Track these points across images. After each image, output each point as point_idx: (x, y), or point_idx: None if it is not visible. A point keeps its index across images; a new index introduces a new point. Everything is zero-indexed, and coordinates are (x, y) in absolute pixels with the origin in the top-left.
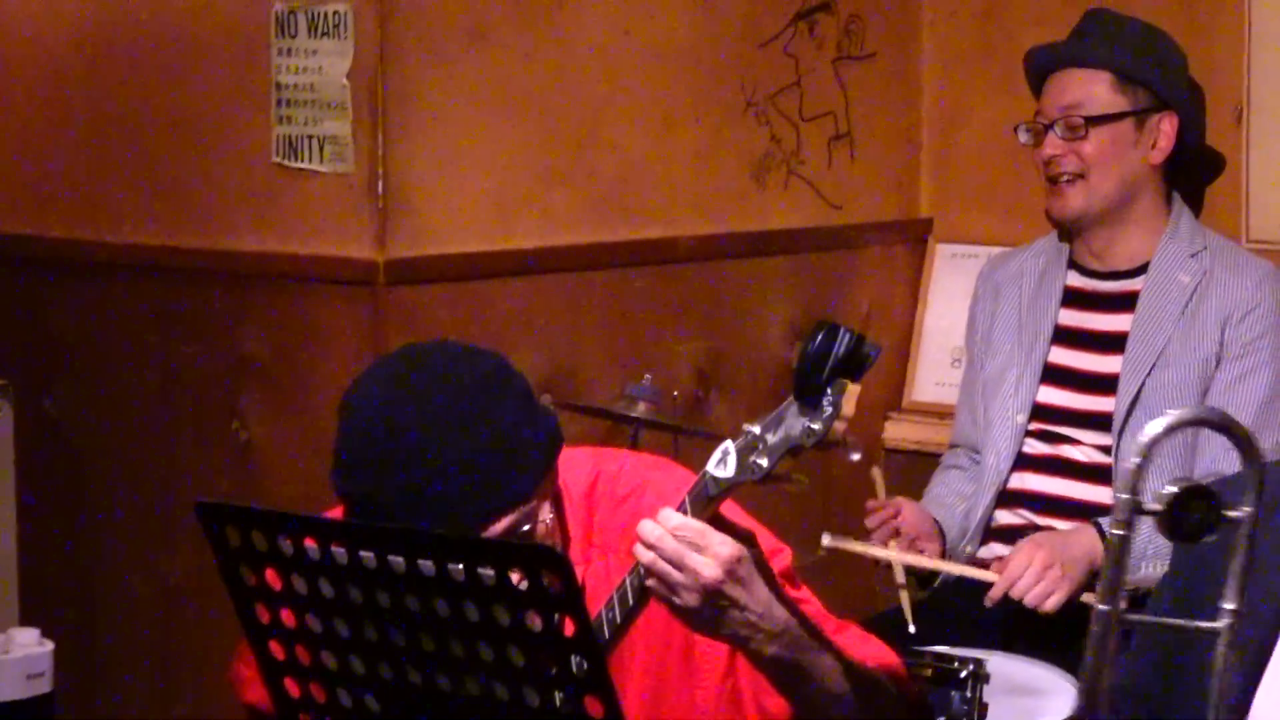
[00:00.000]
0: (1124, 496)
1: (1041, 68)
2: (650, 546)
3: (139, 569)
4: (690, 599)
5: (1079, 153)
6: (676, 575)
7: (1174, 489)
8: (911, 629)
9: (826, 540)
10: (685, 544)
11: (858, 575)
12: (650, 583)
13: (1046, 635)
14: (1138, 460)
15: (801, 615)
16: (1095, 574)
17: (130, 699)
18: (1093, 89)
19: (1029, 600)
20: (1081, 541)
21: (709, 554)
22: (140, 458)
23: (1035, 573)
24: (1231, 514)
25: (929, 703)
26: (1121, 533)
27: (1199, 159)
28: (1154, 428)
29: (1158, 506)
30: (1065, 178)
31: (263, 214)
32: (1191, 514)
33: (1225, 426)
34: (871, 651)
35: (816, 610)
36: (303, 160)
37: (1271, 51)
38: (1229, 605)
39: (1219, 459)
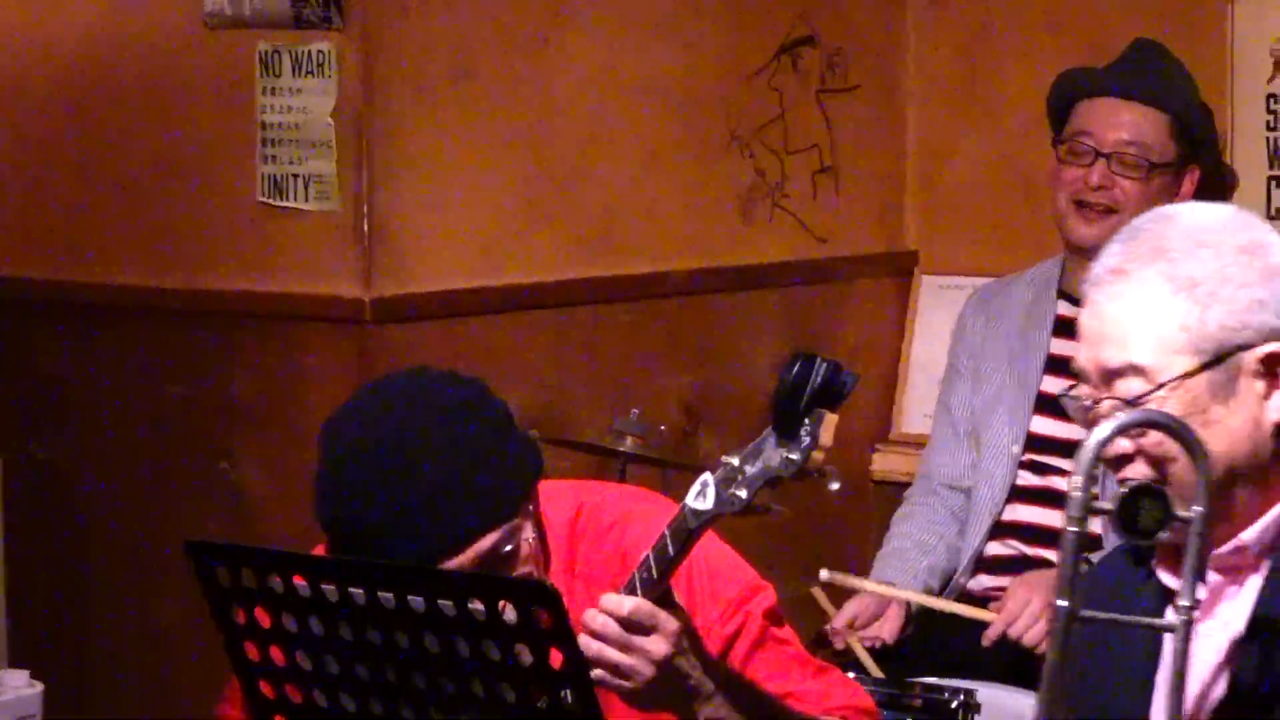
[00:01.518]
0: (1077, 495)
1: (1085, 91)
2: (597, 635)
3: (129, 610)
4: (640, 681)
5: (1123, 189)
6: (627, 660)
7: (1124, 489)
8: (879, 674)
9: (824, 575)
10: (635, 628)
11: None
12: (597, 673)
13: (1037, 665)
14: (1088, 456)
15: (731, 672)
16: None
17: None
18: (1156, 132)
19: (1028, 640)
20: None
21: (661, 631)
22: (129, 499)
23: (1033, 612)
24: (1183, 514)
25: None
26: (1076, 529)
27: None
28: (1102, 430)
29: (1109, 505)
30: (1099, 208)
31: (249, 253)
32: (1143, 512)
33: (1172, 428)
34: (848, 698)
35: (798, 653)
36: (289, 199)
37: (1253, 80)
38: (1184, 602)
39: None
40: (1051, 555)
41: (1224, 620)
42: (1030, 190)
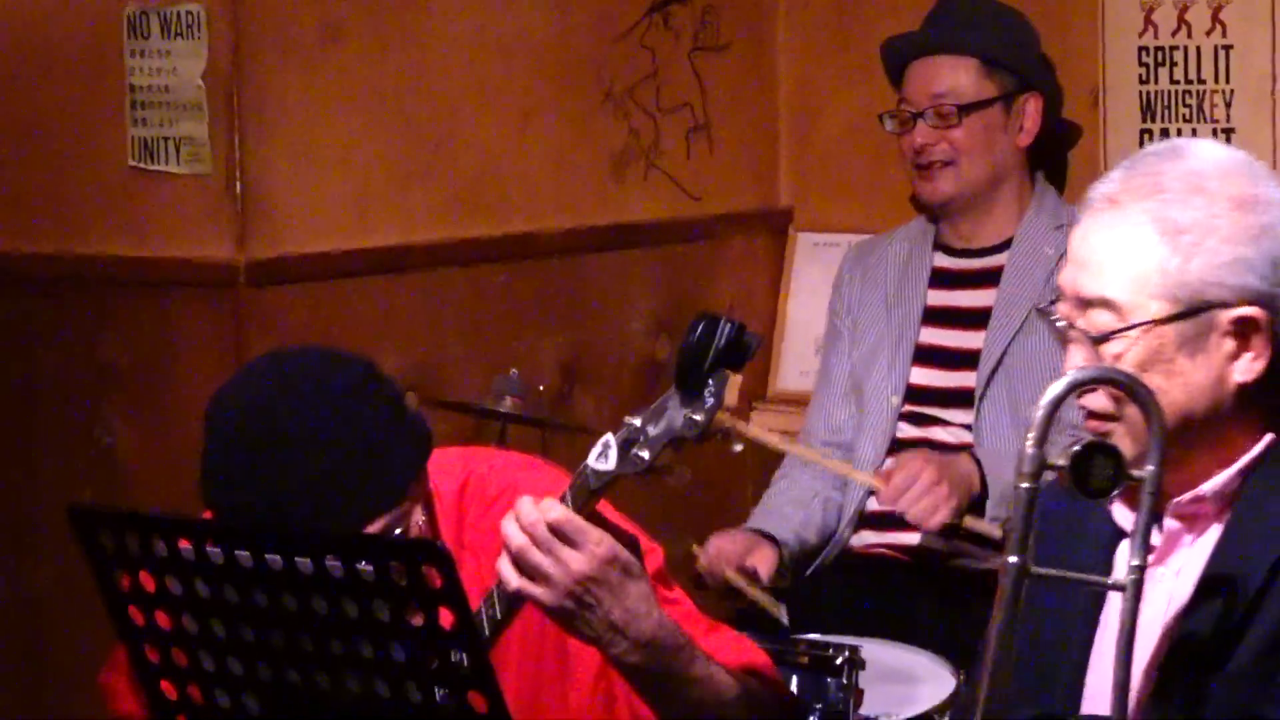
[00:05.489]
0: (1031, 450)
1: (902, 56)
2: (524, 530)
3: (1, 577)
4: (552, 592)
5: (950, 140)
6: (545, 564)
7: (1078, 446)
8: (785, 621)
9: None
10: (560, 536)
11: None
12: (511, 576)
13: (922, 621)
14: (1042, 413)
15: (675, 628)
16: (972, 501)
17: None
18: (961, 76)
19: (913, 515)
20: (963, 466)
21: (584, 550)
22: (1, 466)
23: (922, 487)
24: (1136, 472)
25: (801, 703)
26: (1028, 485)
27: (1059, 135)
28: (1057, 386)
29: (1063, 462)
30: (937, 165)
31: (120, 218)
32: (1096, 470)
33: (1127, 384)
34: (742, 654)
35: (689, 611)
36: (159, 163)
37: (1125, 34)
38: (1134, 561)
39: None
40: None
41: (1176, 568)
42: None
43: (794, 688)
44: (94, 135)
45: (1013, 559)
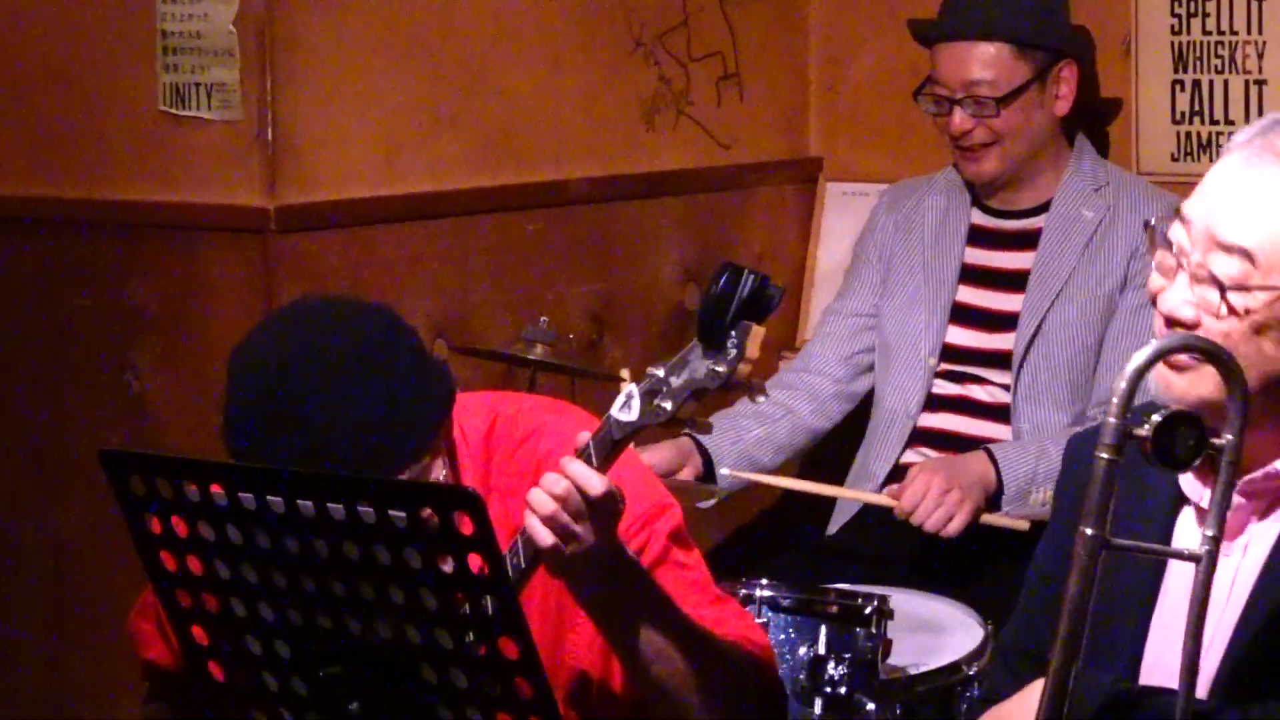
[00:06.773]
0: (1113, 421)
1: (931, 38)
2: (557, 499)
3: (29, 522)
4: (579, 549)
5: (989, 125)
6: (576, 527)
7: (1160, 415)
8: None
9: (725, 472)
10: (595, 502)
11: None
12: (546, 536)
13: (950, 572)
14: (1126, 384)
15: (633, 563)
16: (989, 498)
17: (22, 652)
18: (995, 64)
19: (929, 526)
20: (976, 466)
21: (614, 510)
22: (30, 411)
23: (935, 498)
24: (1217, 441)
25: (781, 685)
26: (1109, 456)
27: (1094, 90)
28: (1140, 355)
29: (1145, 433)
30: (978, 145)
31: (151, 163)
32: (1179, 441)
33: (1213, 353)
34: (743, 629)
35: (701, 579)
36: (190, 108)
37: None
38: (1210, 532)
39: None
40: None
41: (1243, 544)
42: None
43: (822, 637)
44: (125, 80)
45: (1089, 531)
